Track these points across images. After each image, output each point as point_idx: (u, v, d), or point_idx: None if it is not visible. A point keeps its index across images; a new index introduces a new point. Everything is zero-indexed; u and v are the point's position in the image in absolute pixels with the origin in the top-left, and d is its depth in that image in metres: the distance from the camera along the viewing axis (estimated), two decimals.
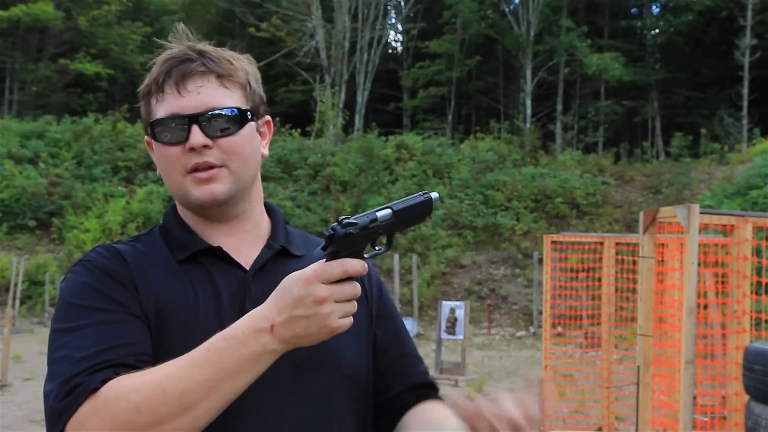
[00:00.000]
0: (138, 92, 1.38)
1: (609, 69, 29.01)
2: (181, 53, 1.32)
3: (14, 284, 17.11)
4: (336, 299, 1.12)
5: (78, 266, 1.30)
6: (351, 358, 1.35)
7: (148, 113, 1.33)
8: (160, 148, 1.31)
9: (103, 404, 1.10)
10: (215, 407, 1.12)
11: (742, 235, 4.72)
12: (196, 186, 1.30)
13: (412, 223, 1.26)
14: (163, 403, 1.09)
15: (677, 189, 22.30)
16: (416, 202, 1.25)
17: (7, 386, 10.04)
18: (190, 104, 1.28)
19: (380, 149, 24.13)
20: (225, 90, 1.31)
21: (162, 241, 1.36)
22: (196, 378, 1.10)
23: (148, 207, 21.18)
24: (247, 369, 1.12)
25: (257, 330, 1.12)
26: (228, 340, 1.12)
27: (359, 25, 30.84)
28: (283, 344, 1.12)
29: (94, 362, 1.14)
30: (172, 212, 1.41)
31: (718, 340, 6.73)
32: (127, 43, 32.24)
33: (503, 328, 18.15)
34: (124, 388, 1.11)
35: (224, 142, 1.29)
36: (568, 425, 8.00)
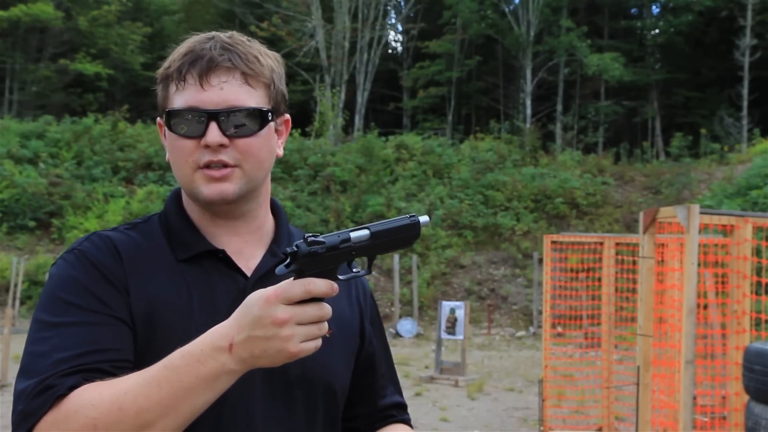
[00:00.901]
0: (156, 73, 1.34)
1: (609, 69, 29.01)
2: (209, 44, 1.27)
3: (14, 284, 17.11)
4: (298, 321, 1.06)
5: (70, 254, 1.26)
6: (340, 374, 1.35)
7: (165, 99, 1.30)
8: (174, 138, 1.28)
9: (63, 416, 1.09)
10: (173, 426, 1.08)
11: (742, 236, 4.72)
12: (207, 183, 1.26)
13: (395, 247, 1.18)
14: (119, 421, 1.07)
15: (677, 189, 22.30)
16: (399, 225, 1.17)
17: (7, 386, 10.04)
18: (211, 99, 1.24)
19: (380, 149, 24.13)
20: (248, 88, 1.27)
21: (162, 234, 1.32)
22: (153, 396, 1.07)
23: (148, 207, 21.17)
24: (206, 388, 1.08)
25: (216, 348, 1.08)
26: (186, 358, 1.08)
27: (359, 25, 30.83)
28: (241, 364, 1.08)
29: (68, 366, 1.12)
30: (176, 201, 1.37)
31: (718, 341, 6.73)
32: (127, 43, 32.22)
33: (503, 328, 18.14)
34: (84, 401, 1.09)
35: (241, 143, 1.26)
36: (568, 425, 8.00)
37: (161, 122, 1.33)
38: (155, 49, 34.23)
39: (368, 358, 1.44)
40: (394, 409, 1.48)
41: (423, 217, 1.20)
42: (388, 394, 1.47)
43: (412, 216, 1.19)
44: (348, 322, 1.39)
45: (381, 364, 1.47)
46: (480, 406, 9.65)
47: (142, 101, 32.95)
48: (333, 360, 1.33)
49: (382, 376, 1.47)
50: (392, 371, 1.51)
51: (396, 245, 1.18)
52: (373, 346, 1.45)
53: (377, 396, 1.46)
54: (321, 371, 1.31)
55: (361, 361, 1.42)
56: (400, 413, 1.49)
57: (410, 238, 1.19)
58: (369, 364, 1.44)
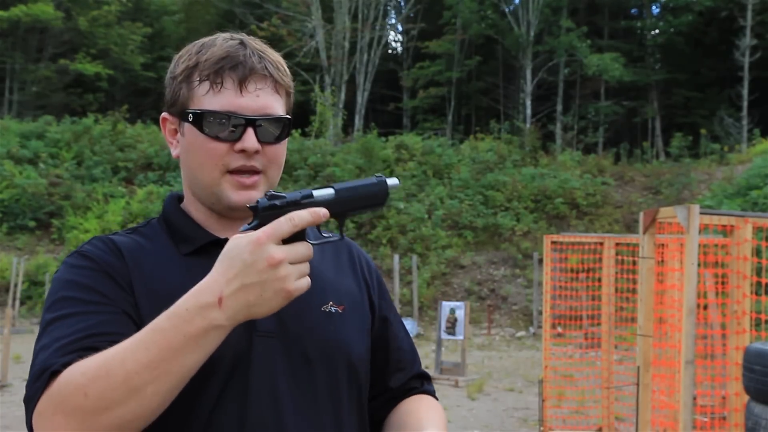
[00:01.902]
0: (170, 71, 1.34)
1: (609, 69, 29.02)
2: (246, 51, 1.29)
3: (14, 284, 17.11)
4: (291, 260, 1.06)
5: (72, 257, 1.27)
6: (357, 349, 1.35)
7: (189, 97, 1.29)
8: (203, 139, 1.27)
9: (56, 390, 1.08)
10: (163, 389, 1.06)
11: (742, 236, 4.72)
12: (236, 189, 1.27)
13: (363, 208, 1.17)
14: (109, 386, 1.05)
15: (677, 189, 22.30)
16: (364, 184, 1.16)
17: (7, 386, 10.05)
18: (249, 106, 1.26)
19: (380, 149, 24.14)
20: (277, 96, 1.30)
21: (164, 234, 1.34)
22: (142, 359, 1.05)
23: (148, 207, 21.18)
24: (195, 347, 1.06)
25: (202, 306, 1.06)
26: (172, 318, 1.07)
27: (359, 25, 30.84)
28: (233, 317, 1.06)
29: (66, 349, 1.12)
30: (174, 204, 1.38)
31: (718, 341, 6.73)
32: (127, 43, 32.23)
33: (503, 328, 18.14)
34: (75, 372, 1.08)
35: (269, 150, 1.29)
36: (568, 425, 8.00)
37: (169, 117, 1.34)
38: (155, 49, 34.24)
39: (382, 331, 1.44)
40: (416, 380, 1.47)
41: (391, 179, 1.18)
42: (406, 366, 1.47)
43: (379, 176, 1.18)
44: (358, 298, 1.40)
45: (395, 336, 1.47)
46: (480, 406, 9.65)
47: (142, 101, 32.97)
48: (350, 336, 1.34)
49: (398, 349, 1.47)
50: (408, 342, 1.50)
51: (363, 205, 1.17)
52: (385, 319, 1.46)
53: (396, 370, 1.45)
54: (339, 347, 1.31)
55: (375, 336, 1.42)
56: (421, 384, 1.48)
57: (377, 197, 1.17)
58: (383, 338, 1.44)
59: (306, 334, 1.29)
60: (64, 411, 1.06)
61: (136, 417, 1.06)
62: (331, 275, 1.38)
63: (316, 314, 1.32)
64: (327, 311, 1.33)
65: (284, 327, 1.28)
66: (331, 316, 1.33)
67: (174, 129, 1.34)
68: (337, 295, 1.36)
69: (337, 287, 1.38)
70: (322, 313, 1.33)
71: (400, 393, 1.45)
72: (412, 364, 1.49)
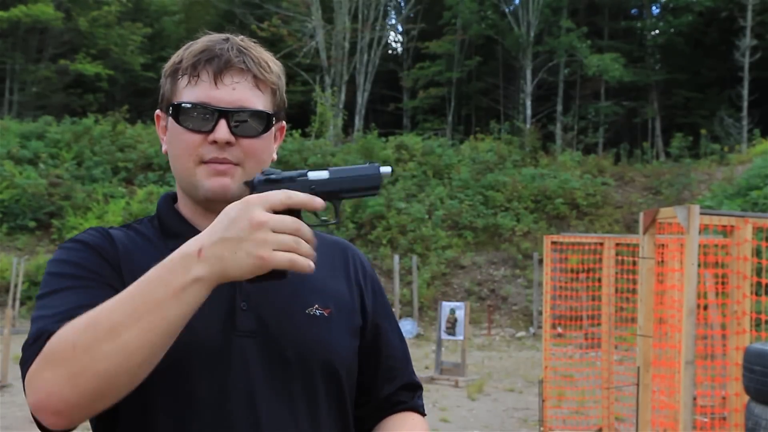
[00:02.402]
0: (163, 68, 1.37)
1: (609, 70, 29.01)
2: (226, 45, 1.31)
3: (14, 285, 17.10)
4: (273, 228, 1.05)
5: (67, 243, 1.31)
6: (341, 354, 1.34)
7: (173, 92, 1.32)
8: (180, 131, 1.30)
9: (48, 348, 1.09)
10: (147, 343, 1.05)
11: (742, 236, 4.72)
12: (208, 177, 1.29)
13: (357, 192, 1.20)
14: (95, 337, 1.05)
15: (677, 189, 22.30)
16: (358, 167, 1.20)
17: (8, 387, 10.05)
18: (222, 98, 1.28)
19: (380, 150, 24.14)
20: (258, 92, 1.31)
21: (155, 230, 1.36)
22: (127, 309, 1.06)
23: (148, 207, 21.16)
24: (176, 299, 1.06)
25: (185, 256, 1.07)
26: (158, 269, 1.08)
27: (359, 25, 30.84)
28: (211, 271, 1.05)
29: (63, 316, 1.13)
30: (168, 202, 1.40)
31: (718, 341, 6.73)
32: (128, 43, 32.23)
33: (503, 328, 18.15)
34: (66, 328, 1.09)
35: (246, 143, 1.29)
36: (568, 426, 8.00)
37: (161, 114, 1.37)
38: (155, 49, 34.23)
39: (374, 338, 1.43)
40: (405, 392, 1.46)
41: (384, 167, 1.21)
42: (397, 376, 1.45)
43: (373, 162, 1.22)
44: (347, 301, 1.39)
45: (387, 344, 1.45)
46: (480, 406, 9.65)
47: (142, 102, 32.94)
48: (332, 338, 1.33)
49: (390, 357, 1.45)
50: (402, 351, 1.48)
51: (356, 188, 1.20)
52: (378, 326, 1.44)
53: (386, 379, 1.44)
54: (319, 349, 1.30)
55: (366, 343, 1.41)
56: (411, 397, 1.46)
57: (370, 182, 1.20)
58: (375, 345, 1.43)
59: (285, 336, 1.28)
60: (53, 364, 1.07)
61: (121, 371, 1.06)
62: (321, 277, 1.36)
63: (299, 316, 1.31)
64: (311, 314, 1.32)
65: (264, 327, 1.27)
66: (315, 319, 1.32)
67: (164, 125, 1.36)
68: (324, 298, 1.35)
69: (325, 290, 1.36)
70: (305, 315, 1.32)
71: (388, 405, 1.43)
72: (403, 374, 1.47)
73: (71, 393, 1.06)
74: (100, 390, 1.06)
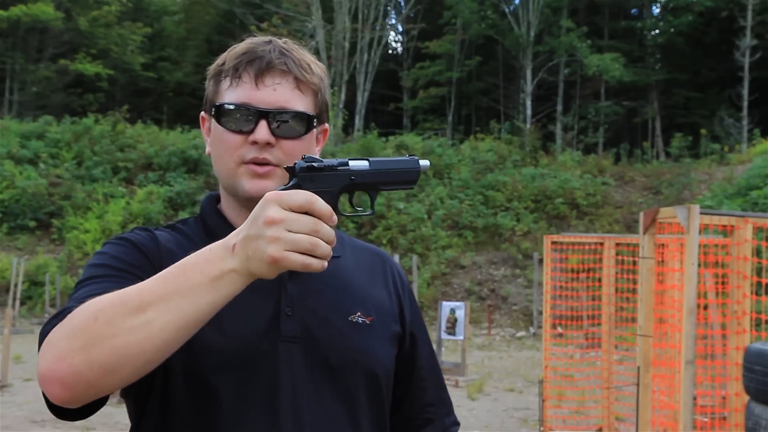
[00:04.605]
0: (208, 70, 1.38)
1: (609, 69, 29.02)
2: (267, 47, 1.32)
3: (14, 285, 17.10)
4: (288, 227, 1.03)
5: (112, 239, 1.33)
6: (382, 361, 1.36)
7: (216, 93, 1.34)
8: (222, 132, 1.31)
9: (68, 318, 1.08)
10: (172, 325, 1.04)
11: (742, 236, 4.72)
12: (250, 178, 1.29)
13: (396, 184, 1.20)
14: (120, 312, 1.04)
15: (677, 189, 22.30)
16: (398, 160, 1.19)
17: (7, 387, 10.04)
18: (263, 99, 1.29)
19: (380, 150, 24.13)
20: (299, 93, 1.32)
21: (200, 232, 1.37)
22: (157, 290, 1.06)
23: (148, 207, 21.18)
24: (210, 287, 1.05)
25: (223, 247, 1.07)
26: (196, 256, 1.08)
27: (359, 25, 30.84)
28: (241, 266, 1.05)
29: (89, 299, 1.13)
30: (211, 203, 1.41)
31: (718, 341, 6.73)
32: (128, 43, 32.23)
33: (503, 328, 18.14)
34: (90, 302, 1.08)
35: (286, 144, 1.30)
36: (568, 426, 8.00)
37: (205, 116, 1.39)
38: (155, 49, 34.24)
39: (410, 346, 1.45)
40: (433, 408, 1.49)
41: (424, 161, 1.20)
42: (427, 388, 1.48)
43: (412, 155, 1.21)
44: (387, 308, 1.41)
45: (420, 355, 1.48)
46: (480, 406, 9.65)
47: (142, 101, 32.96)
48: (374, 346, 1.35)
49: (422, 368, 1.48)
50: (432, 364, 1.50)
51: (395, 181, 1.19)
52: (414, 336, 1.46)
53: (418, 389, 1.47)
54: (362, 357, 1.32)
55: (404, 349, 1.43)
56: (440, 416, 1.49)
57: (409, 175, 1.19)
58: (410, 353, 1.45)
59: (330, 342, 1.30)
60: (71, 334, 1.05)
61: (139, 349, 1.04)
62: (362, 285, 1.39)
63: (343, 323, 1.33)
64: (354, 321, 1.34)
65: (308, 333, 1.29)
66: (358, 327, 1.34)
67: (208, 127, 1.38)
68: (366, 306, 1.37)
69: (366, 297, 1.38)
70: (349, 322, 1.33)
71: (420, 421, 1.47)
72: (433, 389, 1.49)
73: (82, 362, 1.04)
74: (111, 365, 1.04)
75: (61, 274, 18.89)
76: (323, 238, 1.05)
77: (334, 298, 1.33)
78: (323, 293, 1.27)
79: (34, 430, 7.95)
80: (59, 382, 1.05)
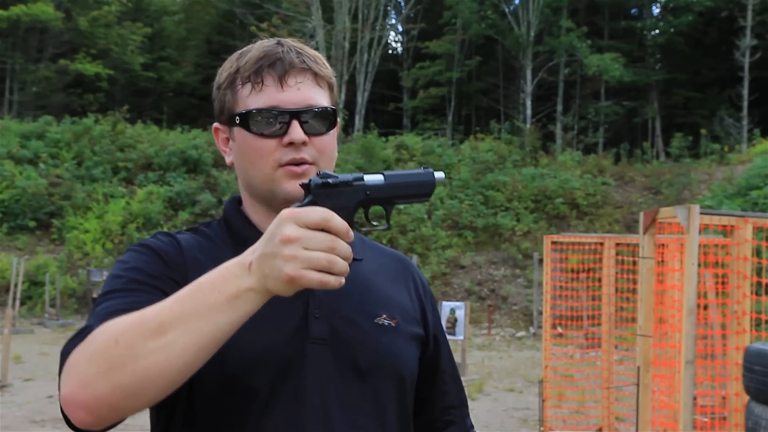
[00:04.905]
0: (216, 82, 1.37)
1: (609, 69, 29.02)
2: (282, 48, 1.32)
3: (14, 285, 17.10)
4: (305, 245, 1.02)
5: (135, 245, 1.32)
6: (408, 364, 1.37)
7: (234, 102, 1.32)
8: (252, 138, 1.30)
9: (89, 340, 1.08)
10: (192, 346, 1.04)
11: (742, 236, 4.72)
12: (289, 180, 1.29)
13: (411, 197, 1.19)
14: (140, 334, 1.04)
15: (677, 189, 22.30)
16: (413, 173, 1.18)
17: (7, 387, 10.04)
18: (291, 99, 1.29)
19: (380, 150, 24.13)
20: (319, 89, 1.32)
21: (224, 235, 1.36)
22: (176, 311, 1.05)
23: (148, 207, 21.18)
24: (228, 307, 1.04)
25: (239, 265, 1.06)
26: (213, 274, 1.07)
27: (359, 25, 30.84)
28: (258, 284, 1.04)
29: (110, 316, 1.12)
30: (235, 206, 1.40)
31: (718, 341, 6.73)
32: (128, 43, 32.22)
33: (503, 328, 18.14)
34: (110, 323, 1.08)
35: (318, 141, 1.30)
36: (568, 426, 8.00)
37: (220, 126, 1.37)
38: (155, 49, 34.22)
39: (433, 348, 1.47)
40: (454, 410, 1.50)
41: (438, 173, 1.20)
42: (448, 391, 1.49)
43: (427, 167, 1.20)
44: (411, 313, 1.42)
45: (442, 357, 1.49)
46: (480, 406, 9.65)
47: (142, 101, 32.95)
48: (399, 348, 1.35)
49: (444, 371, 1.49)
50: (453, 366, 1.52)
51: (410, 194, 1.19)
52: (437, 339, 1.48)
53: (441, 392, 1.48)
54: (388, 359, 1.33)
55: (428, 352, 1.45)
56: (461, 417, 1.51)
57: (424, 188, 1.19)
58: (434, 356, 1.47)
59: (358, 345, 1.30)
60: (91, 356, 1.05)
61: (160, 372, 1.04)
62: (385, 288, 1.40)
63: (370, 325, 1.33)
64: (380, 323, 1.34)
65: (336, 335, 1.29)
66: (384, 329, 1.34)
67: (226, 137, 1.37)
68: (390, 309, 1.37)
69: (390, 301, 1.39)
70: (375, 324, 1.34)
71: (441, 423, 1.48)
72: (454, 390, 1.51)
73: (105, 387, 1.03)
74: (134, 389, 1.04)
75: (61, 274, 18.90)
76: (340, 255, 1.04)
77: (359, 300, 1.33)
78: (349, 296, 1.27)
79: (34, 430, 7.95)
80: (83, 407, 1.05)
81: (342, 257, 1.04)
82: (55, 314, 17.79)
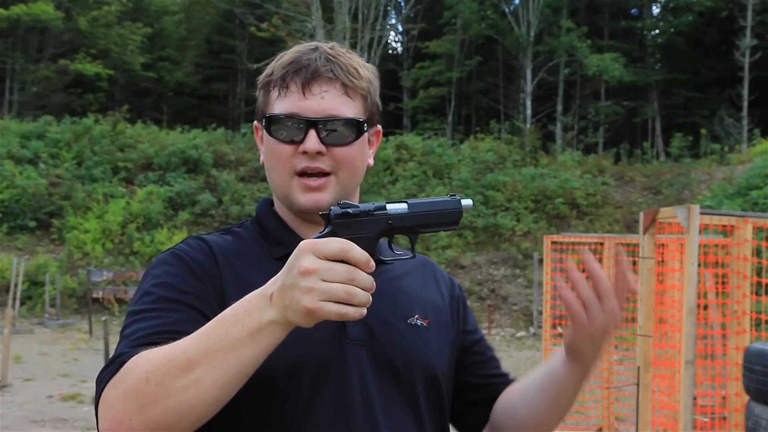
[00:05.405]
0: (257, 80, 1.38)
1: (609, 69, 29.01)
2: (313, 55, 1.32)
3: (14, 285, 17.10)
4: (323, 277, 1.02)
5: (165, 254, 1.31)
6: (441, 364, 1.38)
7: (266, 104, 1.35)
8: (273, 143, 1.32)
9: (121, 375, 1.10)
10: (220, 381, 1.06)
11: (742, 236, 4.72)
12: (303, 192, 1.30)
13: (435, 227, 1.16)
14: (170, 372, 1.06)
15: (677, 189, 22.30)
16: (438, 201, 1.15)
17: (7, 387, 10.04)
18: (312, 107, 1.29)
19: (380, 150, 24.12)
20: (347, 99, 1.31)
21: (257, 236, 1.37)
22: (202, 346, 1.06)
23: (148, 207, 21.17)
24: (251, 340, 1.05)
25: (261, 297, 1.07)
26: (235, 308, 1.08)
27: (359, 25, 30.84)
28: (279, 315, 1.05)
29: (141, 341, 1.15)
30: (267, 207, 1.41)
31: (718, 341, 6.73)
32: (128, 43, 32.21)
33: (503, 328, 18.15)
34: (141, 358, 1.10)
35: (337, 152, 1.30)
36: (568, 425, 7.99)
37: (258, 125, 1.39)
38: (155, 49, 34.21)
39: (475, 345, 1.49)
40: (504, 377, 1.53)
41: (466, 200, 1.17)
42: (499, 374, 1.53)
43: (453, 195, 1.17)
44: (443, 313, 1.43)
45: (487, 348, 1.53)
46: None
47: (142, 101, 32.95)
48: (432, 347, 1.36)
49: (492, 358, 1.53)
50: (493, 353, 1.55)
51: (435, 223, 1.16)
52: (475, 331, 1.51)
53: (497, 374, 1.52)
54: (422, 358, 1.34)
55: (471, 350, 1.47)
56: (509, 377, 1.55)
57: (450, 216, 1.17)
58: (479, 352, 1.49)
59: (393, 345, 1.31)
60: (125, 395, 1.08)
61: (191, 407, 1.06)
62: (416, 288, 1.41)
63: (403, 326, 1.34)
64: (413, 323, 1.35)
65: (372, 336, 1.30)
66: (417, 329, 1.35)
67: (261, 136, 1.38)
68: (423, 309, 1.38)
69: (422, 301, 1.40)
70: (408, 325, 1.35)
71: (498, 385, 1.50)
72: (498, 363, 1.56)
73: (140, 424, 1.06)
74: (167, 423, 1.07)
75: (61, 274, 18.89)
76: (359, 286, 1.04)
77: (392, 301, 1.34)
78: (382, 296, 1.26)
79: (34, 430, 7.95)
80: None
81: (362, 288, 1.04)
82: (55, 314, 17.79)
